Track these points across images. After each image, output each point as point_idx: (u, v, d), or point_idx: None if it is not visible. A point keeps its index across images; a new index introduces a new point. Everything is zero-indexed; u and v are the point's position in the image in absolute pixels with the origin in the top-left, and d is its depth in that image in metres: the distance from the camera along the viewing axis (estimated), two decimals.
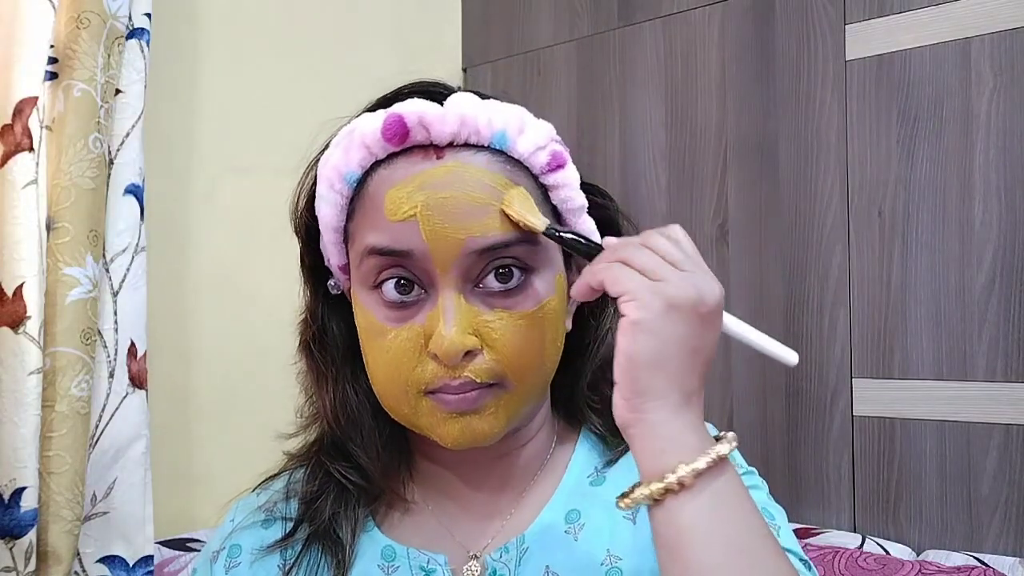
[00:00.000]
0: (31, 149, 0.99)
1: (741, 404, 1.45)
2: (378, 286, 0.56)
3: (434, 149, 0.55)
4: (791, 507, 1.38)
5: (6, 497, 0.97)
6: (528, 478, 0.64)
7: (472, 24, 1.84)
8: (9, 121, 0.99)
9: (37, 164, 1.01)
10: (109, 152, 1.10)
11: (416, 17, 1.73)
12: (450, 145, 0.55)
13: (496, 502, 0.63)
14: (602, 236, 0.62)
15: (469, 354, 0.54)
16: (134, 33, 1.13)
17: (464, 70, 1.84)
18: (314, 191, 0.60)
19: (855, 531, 1.32)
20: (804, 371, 1.39)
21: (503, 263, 0.55)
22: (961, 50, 1.28)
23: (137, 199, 1.13)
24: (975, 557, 1.17)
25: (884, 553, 1.20)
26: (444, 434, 0.56)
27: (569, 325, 0.62)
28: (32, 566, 0.99)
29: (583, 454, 0.66)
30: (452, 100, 0.55)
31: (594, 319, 0.64)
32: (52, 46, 1.04)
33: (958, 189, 1.27)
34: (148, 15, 1.15)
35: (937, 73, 1.29)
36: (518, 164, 0.57)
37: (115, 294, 1.11)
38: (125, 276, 1.11)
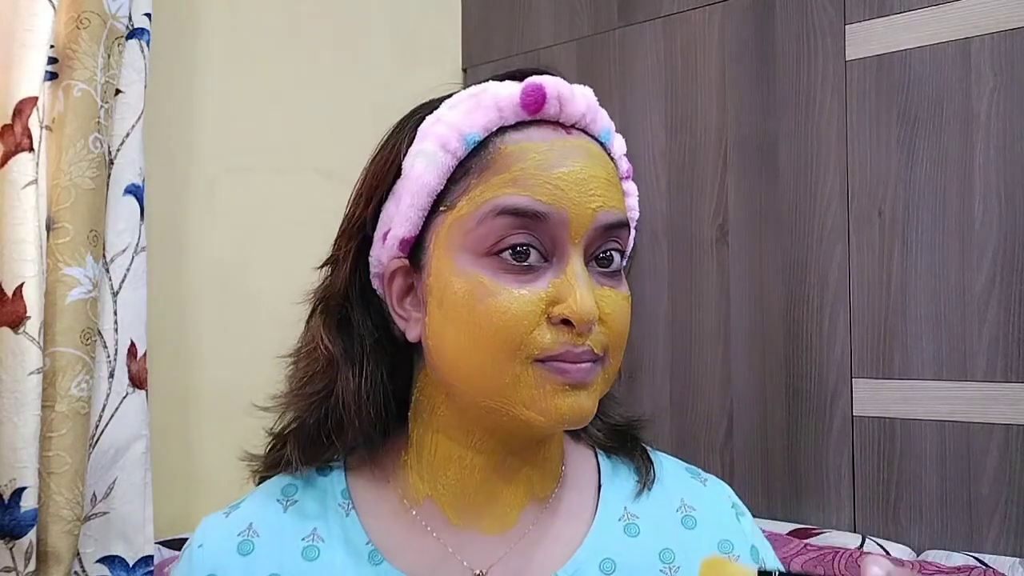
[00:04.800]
0: (31, 149, 1.00)
1: (741, 404, 1.45)
2: (495, 251, 0.54)
3: (563, 126, 0.57)
4: (791, 507, 1.38)
5: (6, 497, 0.97)
6: (544, 498, 0.61)
7: (472, 24, 1.84)
8: (9, 121, 0.99)
9: (37, 164, 1.01)
10: (109, 152, 1.10)
11: (416, 17, 1.73)
12: (574, 127, 0.58)
13: (507, 515, 0.60)
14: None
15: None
16: (134, 33, 1.13)
17: (464, 70, 1.84)
18: (406, 152, 0.58)
19: (855, 531, 1.32)
20: (804, 371, 1.39)
21: (616, 247, 0.57)
22: (961, 50, 1.28)
23: (137, 199, 1.13)
24: (975, 557, 1.17)
25: (884, 553, 1.20)
26: (550, 408, 0.53)
27: None
28: (32, 566, 0.99)
29: (612, 490, 0.63)
30: (579, 88, 0.58)
31: None
32: (52, 46, 1.04)
33: (958, 189, 1.27)
34: (148, 15, 1.15)
35: (937, 73, 1.29)
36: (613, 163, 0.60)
37: (115, 294, 1.11)
38: (125, 276, 1.11)
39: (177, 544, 1.19)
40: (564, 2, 1.70)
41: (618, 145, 0.61)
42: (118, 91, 1.11)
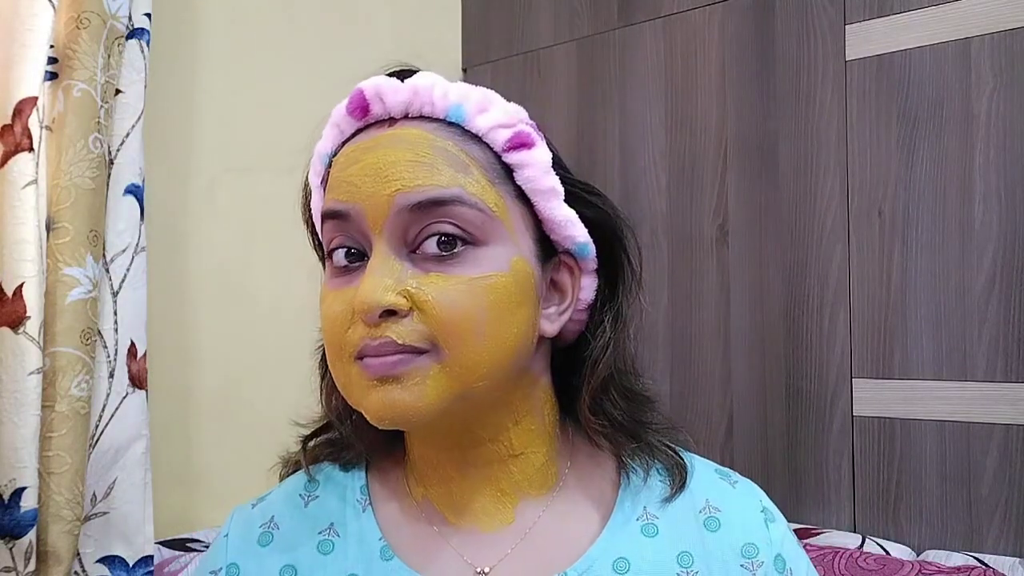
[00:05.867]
0: (31, 149, 0.99)
1: (741, 404, 1.45)
2: (330, 255, 0.56)
3: (389, 121, 0.56)
4: (791, 507, 1.38)
5: (6, 497, 0.97)
6: (539, 496, 0.60)
7: (472, 24, 1.84)
8: (9, 121, 0.99)
9: (37, 164, 1.01)
10: (109, 152, 1.10)
11: (416, 17, 1.73)
12: (405, 117, 0.56)
13: (500, 511, 0.60)
14: (593, 236, 0.60)
15: (394, 315, 0.51)
16: (134, 33, 1.13)
17: (464, 70, 1.84)
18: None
19: (855, 531, 1.32)
20: (804, 371, 1.39)
21: (442, 229, 0.53)
22: (961, 50, 1.28)
23: (137, 199, 1.13)
24: (975, 557, 1.17)
25: (884, 553, 1.20)
26: (368, 405, 0.53)
27: (551, 331, 0.59)
28: (32, 566, 0.99)
29: (631, 492, 0.61)
30: (413, 76, 0.57)
31: (590, 334, 0.61)
32: (52, 46, 1.04)
33: (958, 189, 1.27)
34: (148, 15, 1.15)
35: (937, 73, 1.29)
36: (476, 139, 0.56)
37: (115, 294, 1.11)
38: (125, 276, 1.11)
39: (177, 544, 1.19)
40: (564, 2, 1.70)
41: (489, 118, 0.56)
42: (118, 91, 1.11)
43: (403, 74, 0.58)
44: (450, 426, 0.57)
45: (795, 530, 1.31)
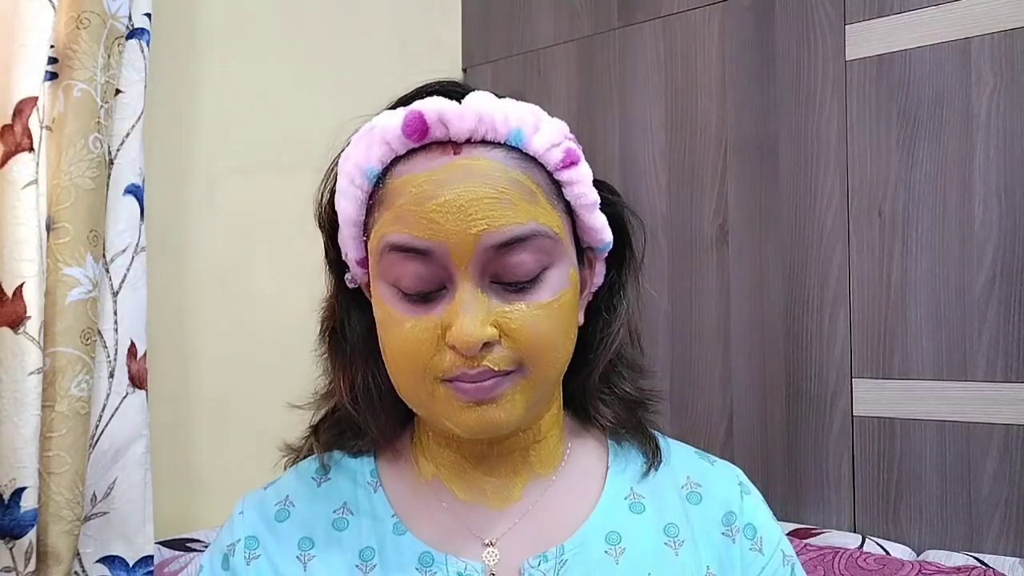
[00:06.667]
0: (31, 149, 0.99)
1: (741, 404, 1.45)
2: (398, 281, 0.57)
3: (452, 145, 0.56)
4: (791, 507, 1.38)
5: (6, 497, 0.97)
6: (547, 475, 0.65)
7: (472, 24, 1.84)
8: (9, 121, 0.99)
9: (37, 164, 1.01)
10: (109, 152, 1.10)
11: (416, 17, 1.74)
12: (468, 142, 0.56)
13: (509, 490, 0.63)
14: (614, 232, 0.64)
15: (487, 346, 0.55)
16: (134, 33, 1.13)
17: (464, 70, 1.84)
18: (335, 187, 0.61)
19: (855, 531, 1.32)
20: (804, 371, 1.39)
21: (525, 263, 0.56)
22: (961, 50, 1.28)
23: (137, 199, 1.13)
24: (975, 557, 1.17)
25: (884, 553, 1.20)
26: (460, 422, 0.57)
27: (581, 319, 0.63)
28: (32, 566, 0.99)
29: (619, 471, 0.66)
30: (470, 98, 0.56)
31: (607, 313, 0.66)
32: (52, 46, 1.04)
33: (958, 189, 1.27)
34: (148, 15, 1.15)
35: (937, 73, 1.29)
36: (533, 161, 0.58)
37: (115, 294, 1.11)
38: (125, 276, 1.11)
39: (177, 544, 1.19)
40: (564, 2, 1.70)
41: (543, 138, 0.58)
42: (118, 91, 1.11)
43: (448, 90, 0.58)
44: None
45: (795, 530, 1.31)
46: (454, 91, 0.58)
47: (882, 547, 1.23)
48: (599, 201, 0.61)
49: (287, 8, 1.49)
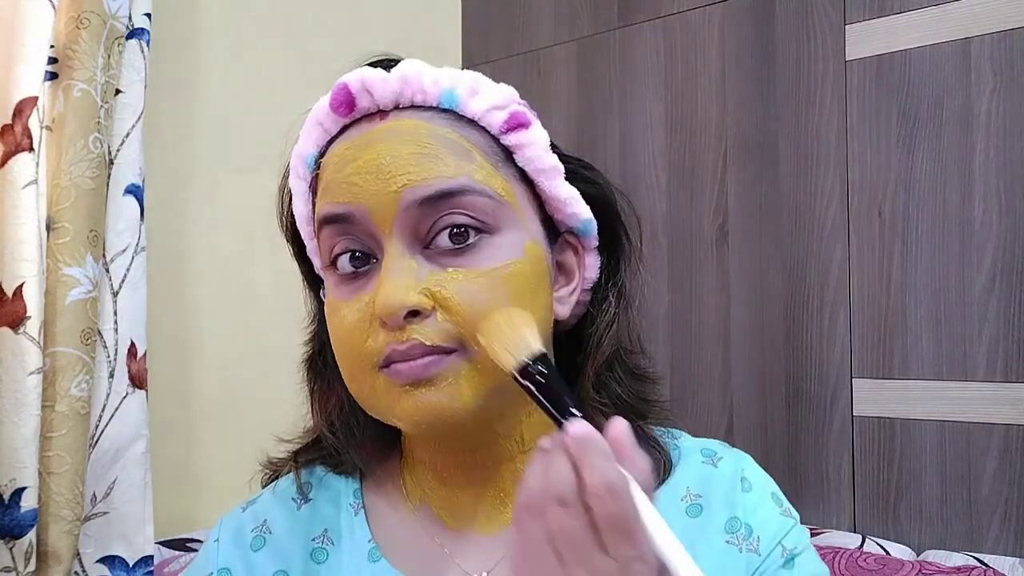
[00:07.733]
0: (31, 149, 1.00)
1: (741, 404, 1.45)
2: (334, 262, 0.53)
3: (380, 114, 0.54)
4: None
5: (6, 497, 0.97)
6: None
7: (472, 24, 1.84)
8: (9, 121, 0.99)
9: (37, 164, 1.01)
10: (109, 152, 1.10)
11: (416, 17, 1.73)
12: (396, 108, 0.54)
13: (501, 512, 0.58)
14: (595, 213, 0.58)
15: (418, 316, 0.49)
16: (134, 33, 1.13)
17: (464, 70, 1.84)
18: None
19: (855, 531, 1.32)
20: (804, 371, 1.39)
21: (455, 221, 0.51)
22: (961, 50, 1.28)
23: (137, 199, 1.13)
24: (975, 557, 1.17)
25: (884, 553, 1.20)
26: (400, 411, 0.51)
27: (564, 313, 0.58)
28: (32, 566, 0.99)
29: None
30: (400, 65, 0.54)
31: (592, 307, 0.60)
32: (52, 46, 1.04)
33: (958, 189, 1.27)
34: (148, 15, 1.15)
35: (937, 73, 1.29)
36: (472, 124, 0.54)
37: (115, 294, 1.11)
38: (125, 276, 1.11)
39: (177, 544, 1.19)
40: (564, 2, 1.70)
41: (482, 100, 0.54)
42: (118, 91, 1.11)
43: (384, 64, 0.56)
44: (476, 424, 0.54)
45: None
46: (387, 63, 0.56)
47: (882, 547, 1.23)
48: (562, 169, 0.56)
49: (287, 8, 1.49)
